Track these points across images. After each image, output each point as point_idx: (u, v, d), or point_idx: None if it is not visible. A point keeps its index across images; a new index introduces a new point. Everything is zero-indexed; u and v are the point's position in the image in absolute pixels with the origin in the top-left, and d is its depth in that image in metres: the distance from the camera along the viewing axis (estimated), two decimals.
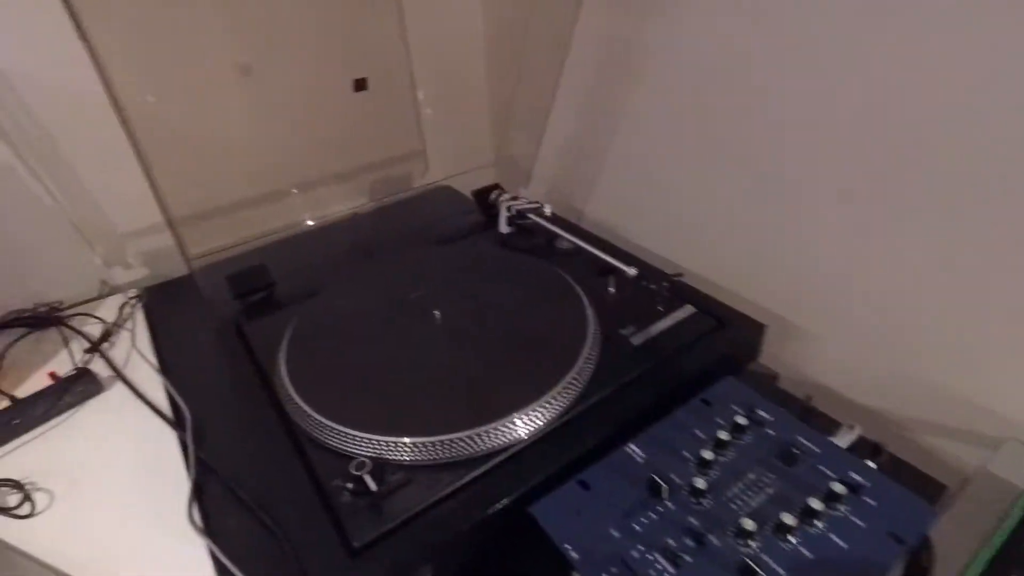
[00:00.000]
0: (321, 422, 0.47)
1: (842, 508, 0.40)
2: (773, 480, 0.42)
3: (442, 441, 0.45)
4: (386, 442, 0.45)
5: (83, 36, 0.49)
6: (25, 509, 0.50)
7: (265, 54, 0.76)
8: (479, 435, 0.45)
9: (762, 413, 0.48)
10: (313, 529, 0.41)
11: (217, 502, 0.49)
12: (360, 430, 0.45)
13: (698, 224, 0.73)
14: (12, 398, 0.60)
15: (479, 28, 0.93)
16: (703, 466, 0.43)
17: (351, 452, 0.45)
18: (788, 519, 0.38)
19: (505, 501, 0.42)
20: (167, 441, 0.55)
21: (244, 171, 0.82)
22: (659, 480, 0.41)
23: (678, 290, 0.62)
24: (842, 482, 0.40)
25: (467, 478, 0.44)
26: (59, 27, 0.55)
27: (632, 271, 0.59)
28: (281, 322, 0.60)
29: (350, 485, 0.42)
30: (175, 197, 0.71)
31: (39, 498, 0.51)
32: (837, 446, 0.45)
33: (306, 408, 0.48)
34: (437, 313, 0.58)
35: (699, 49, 0.65)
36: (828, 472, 0.43)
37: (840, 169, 0.57)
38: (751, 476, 0.43)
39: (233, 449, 0.52)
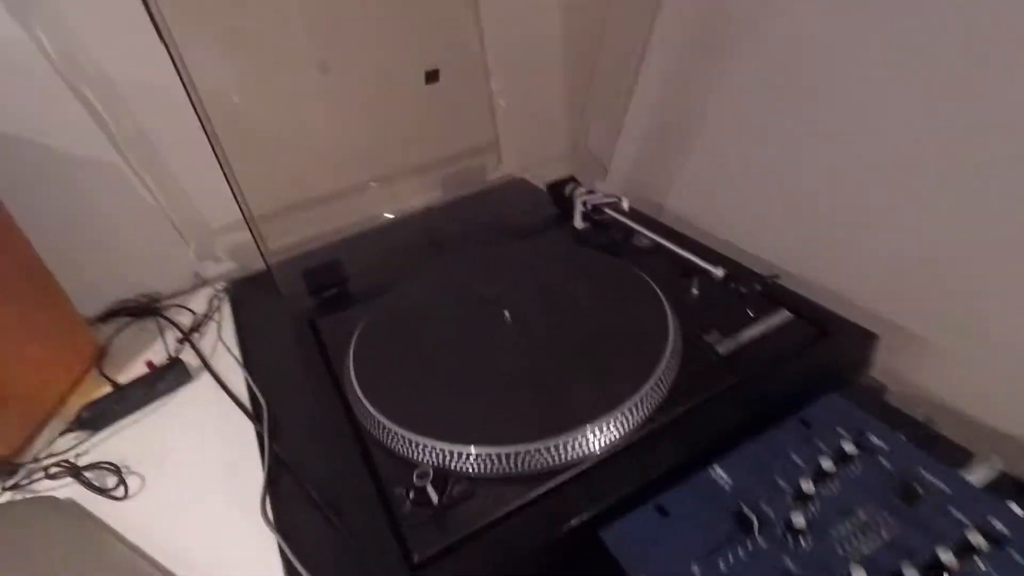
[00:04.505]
0: (385, 425, 0.46)
1: (980, 563, 0.33)
2: (889, 522, 0.36)
3: (508, 453, 0.42)
4: (450, 450, 0.43)
5: (165, 37, 0.50)
6: (120, 491, 0.53)
7: (341, 51, 0.77)
8: (548, 448, 0.42)
9: (874, 439, 0.41)
10: (376, 537, 0.40)
11: (289, 498, 0.50)
12: (424, 436, 0.44)
13: (795, 218, 0.65)
14: (114, 384, 0.65)
15: (555, 14, 0.89)
16: (802, 500, 0.37)
17: (415, 459, 0.44)
18: (911, 573, 0.32)
19: (574, 522, 0.39)
20: (247, 432, 0.57)
21: (321, 167, 0.84)
22: (749, 513, 0.36)
23: (773, 293, 0.55)
24: (979, 530, 0.34)
25: (534, 494, 0.41)
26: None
27: (719, 272, 0.54)
28: (353, 318, 0.60)
29: (412, 494, 0.41)
30: (254, 194, 0.73)
31: (132, 481, 0.54)
32: (971, 484, 0.38)
33: (371, 410, 0.48)
34: (507, 313, 0.55)
35: (795, 27, 0.58)
36: (960, 516, 0.36)
37: (970, 157, 0.48)
38: (861, 515, 0.37)
39: (305, 446, 0.53)
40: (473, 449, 0.43)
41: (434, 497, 0.39)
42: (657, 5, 0.61)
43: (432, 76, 0.66)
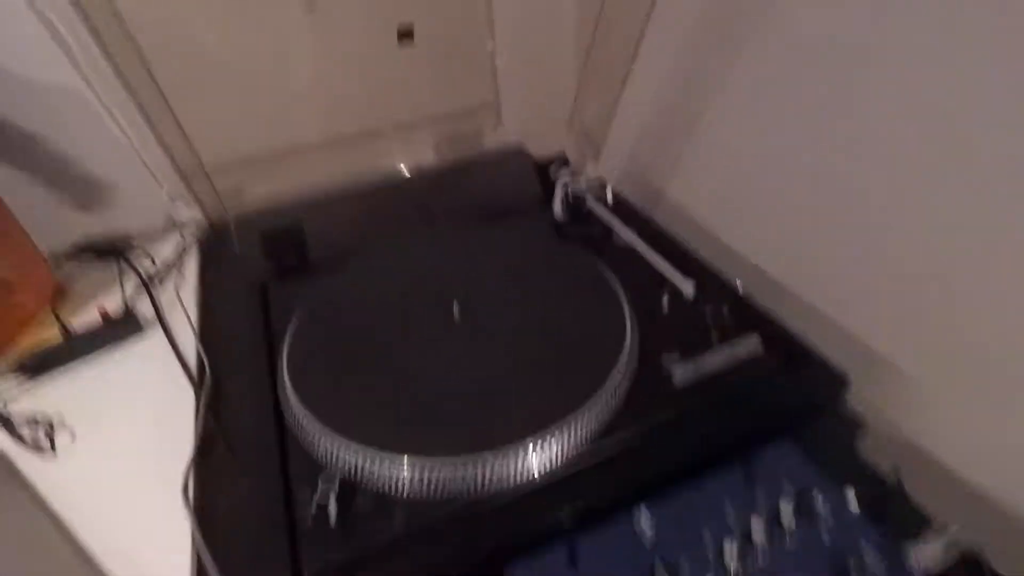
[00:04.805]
0: (300, 417, 0.44)
1: None
2: None
3: (423, 467, 0.39)
4: (363, 456, 0.40)
5: None
6: (48, 447, 0.52)
7: None
8: (464, 468, 0.39)
9: (819, 502, 0.38)
10: (271, 542, 0.38)
11: (214, 476, 0.48)
12: (337, 435, 0.41)
13: (791, 220, 0.60)
14: (64, 330, 0.63)
15: None
16: (723, 567, 0.34)
17: (327, 461, 0.41)
18: None
19: (483, 553, 0.37)
20: (187, 397, 0.55)
21: (303, 115, 0.79)
22: (664, 573, 0.33)
23: (743, 312, 0.51)
24: None
25: (446, 516, 0.39)
26: None
27: (688, 289, 0.49)
28: (303, 291, 0.57)
29: (316, 500, 0.38)
30: (222, 139, 0.69)
31: (63, 437, 0.53)
32: (913, 572, 0.35)
33: (292, 398, 0.45)
34: (456, 308, 0.52)
35: (804, 20, 0.51)
36: None
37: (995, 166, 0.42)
38: None
39: (238, 425, 0.51)
40: (388, 458, 0.40)
41: (333, 510, 0.37)
42: None
43: (407, 35, 0.59)
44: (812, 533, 0.36)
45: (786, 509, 0.36)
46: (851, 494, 0.38)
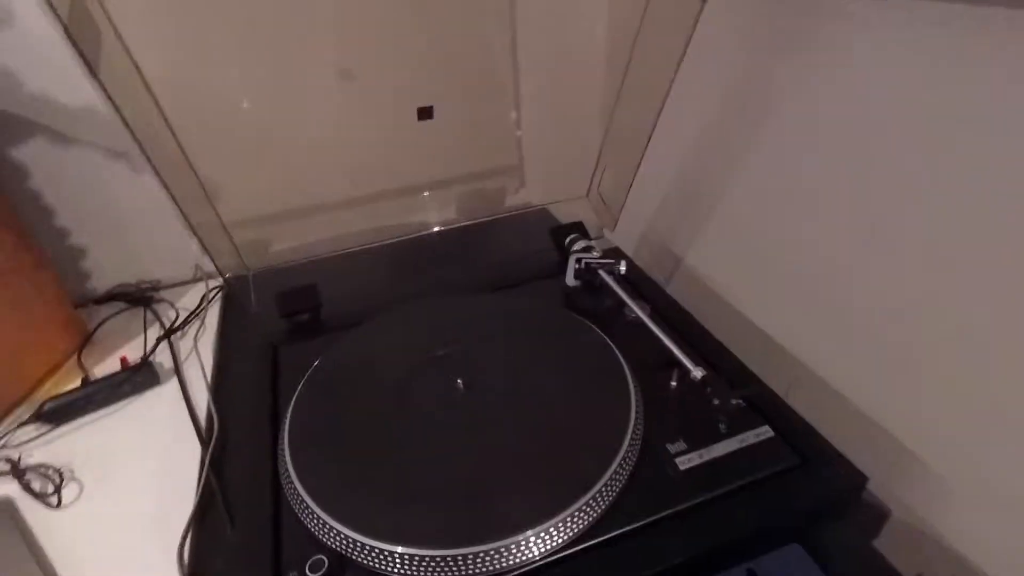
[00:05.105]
0: (296, 489, 0.43)
1: None
2: None
3: (414, 556, 0.38)
4: (353, 541, 0.40)
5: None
6: (55, 500, 0.52)
7: (368, 59, 0.74)
8: (460, 559, 0.38)
9: None
10: None
11: (210, 538, 0.48)
12: (329, 515, 0.41)
13: (808, 301, 0.58)
14: (85, 377, 0.65)
15: (598, 47, 0.84)
16: None
17: (318, 538, 0.41)
18: None
19: None
20: (194, 453, 0.56)
21: (332, 175, 0.82)
22: None
23: (757, 402, 0.49)
24: None
25: None
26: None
27: (698, 373, 0.48)
28: (313, 351, 0.58)
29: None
30: (247, 197, 0.72)
31: (70, 489, 0.54)
32: None
33: (290, 469, 0.45)
34: (460, 382, 0.51)
35: (822, 104, 0.52)
36: None
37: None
38: None
39: (236, 485, 0.51)
40: (381, 546, 0.39)
41: None
42: (680, 58, 0.55)
43: (425, 113, 0.61)
44: None
45: None
46: None
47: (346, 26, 0.72)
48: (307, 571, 0.38)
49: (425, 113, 0.60)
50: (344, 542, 0.40)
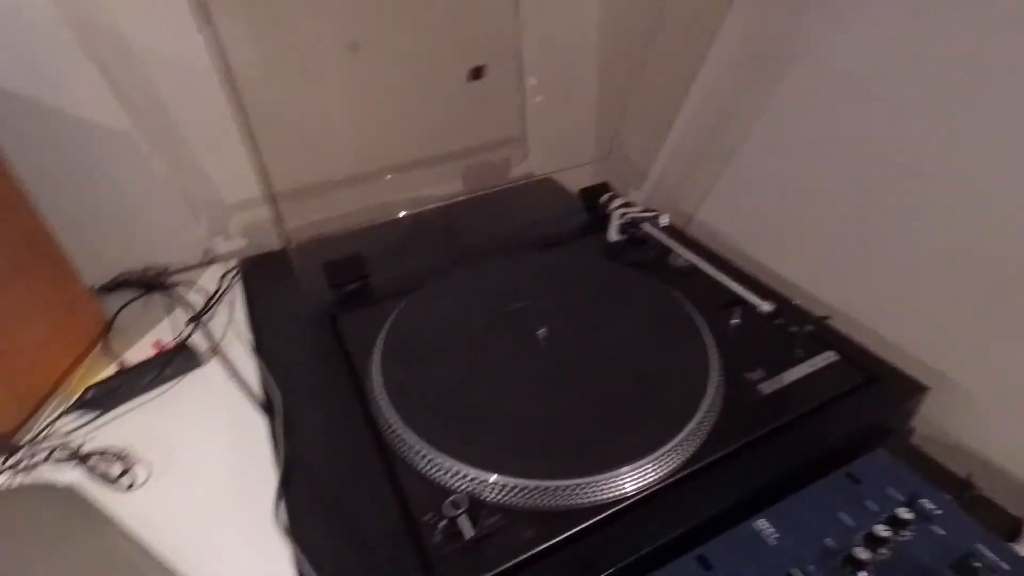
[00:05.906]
0: (414, 445, 0.44)
1: None
2: None
3: (544, 487, 0.40)
4: (484, 479, 0.41)
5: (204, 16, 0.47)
6: (126, 481, 0.50)
7: (375, 32, 0.73)
8: (584, 487, 0.40)
9: (927, 504, 0.40)
10: (402, 567, 0.38)
11: (303, 504, 0.47)
12: (459, 461, 0.42)
13: (841, 251, 0.63)
14: (121, 364, 0.62)
15: (596, 14, 0.86)
16: (855, 566, 0.36)
17: (445, 485, 0.42)
18: None
19: (612, 569, 0.37)
20: (257, 424, 0.55)
21: (344, 150, 0.81)
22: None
23: (814, 330, 0.53)
24: None
25: (568, 533, 0.39)
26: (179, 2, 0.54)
27: (767, 306, 0.52)
28: (375, 318, 0.57)
29: (443, 523, 0.39)
30: (277, 171, 0.70)
31: (138, 471, 0.52)
32: None
33: (402, 428, 0.45)
34: (542, 332, 0.53)
35: (849, 59, 0.56)
36: None
37: None
38: None
39: (322, 449, 0.50)
40: (510, 480, 0.40)
41: (468, 530, 0.37)
42: (720, 21, 0.58)
43: (477, 72, 0.61)
44: (927, 531, 0.38)
45: (901, 510, 0.38)
46: (951, 500, 0.40)
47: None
48: (444, 512, 0.39)
49: (477, 73, 0.59)
50: (473, 482, 0.41)
